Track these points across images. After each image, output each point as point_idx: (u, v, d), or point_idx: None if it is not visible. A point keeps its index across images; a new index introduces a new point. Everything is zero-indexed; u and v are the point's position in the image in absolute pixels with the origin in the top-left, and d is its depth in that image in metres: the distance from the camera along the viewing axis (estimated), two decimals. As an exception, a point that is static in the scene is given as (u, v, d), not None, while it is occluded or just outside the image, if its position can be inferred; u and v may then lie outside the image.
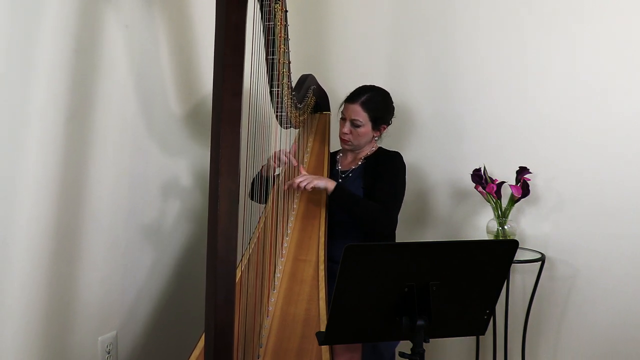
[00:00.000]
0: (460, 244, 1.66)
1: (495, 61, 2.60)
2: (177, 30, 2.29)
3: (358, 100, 2.23)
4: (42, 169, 1.76)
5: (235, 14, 1.31)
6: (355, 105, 2.23)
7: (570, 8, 2.46)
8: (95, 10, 1.89)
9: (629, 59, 2.38)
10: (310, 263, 1.98)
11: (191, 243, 2.46)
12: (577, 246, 2.50)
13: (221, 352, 1.35)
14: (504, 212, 2.45)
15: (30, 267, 1.75)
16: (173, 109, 2.31)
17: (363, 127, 2.24)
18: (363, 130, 2.24)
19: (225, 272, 1.34)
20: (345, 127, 2.26)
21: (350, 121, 2.24)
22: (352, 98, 2.25)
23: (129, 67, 2.05)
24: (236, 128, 1.33)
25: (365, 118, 2.23)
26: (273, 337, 1.72)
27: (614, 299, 2.46)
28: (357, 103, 2.23)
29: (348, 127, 2.25)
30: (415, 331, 1.36)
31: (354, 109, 2.23)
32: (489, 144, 2.61)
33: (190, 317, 2.37)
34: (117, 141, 2.04)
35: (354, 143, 2.27)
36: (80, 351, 1.97)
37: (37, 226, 1.76)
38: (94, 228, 1.97)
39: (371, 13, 2.80)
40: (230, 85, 1.32)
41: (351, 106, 2.24)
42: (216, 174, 1.32)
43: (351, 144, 2.27)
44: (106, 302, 2.06)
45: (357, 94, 2.25)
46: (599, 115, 2.44)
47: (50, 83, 1.75)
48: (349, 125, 2.24)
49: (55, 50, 1.76)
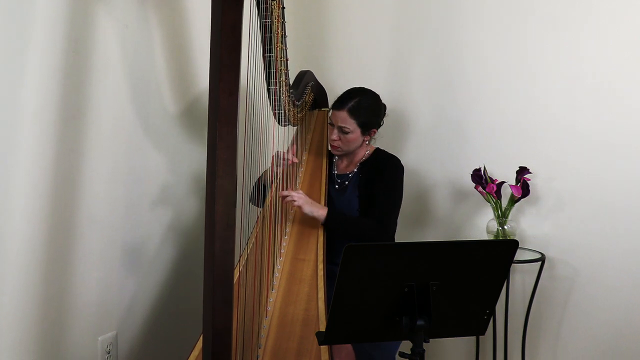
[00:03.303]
0: (460, 244, 1.66)
1: (496, 62, 2.59)
2: (173, 30, 2.28)
3: (345, 107, 2.16)
4: (38, 169, 1.75)
5: (231, 13, 1.31)
6: (342, 112, 2.16)
7: (571, 9, 2.45)
8: (90, 10, 1.88)
9: (629, 59, 2.38)
10: (309, 262, 1.97)
11: (190, 242, 2.45)
12: (577, 246, 2.50)
13: (220, 353, 1.35)
14: (504, 212, 2.44)
15: (29, 268, 1.75)
16: (169, 109, 2.30)
17: (352, 134, 2.18)
18: (352, 137, 2.18)
19: (223, 272, 1.34)
20: (333, 133, 2.19)
21: (338, 128, 2.18)
22: (339, 104, 2.18)
23: (125, 66, 2.05)
24: (233, 128, 1.32)
25: (354, 125, 2.17)
26: (272, 337, 1.72)
27: (614, 298, 2.45)
28: (344, 110, 2.16)
29: (336, 134, 2.19)
30: (415, 331, 1.36)
31: (341, 116, 2.16)
32: (489, 144, 2.61)
33: (189, 317, 2.36)
34: (113, 141, 2.03)
35: (343, 149, 2.23)
36: (80, 351, 1.97)
37: (35, 226, 1.76)
38: (93, 228, 1.97)
39: (372, 8, 2.78)
40: (226, 85, 1.31)
41: (338, 113, 2.17)
42: (213, 174, 1.31)
43: (340, 150, 2.23)
44: (106, 302, 2.06)
45: (344, 100, 2.18)
46: (599, 116, 2.43)
47: (45, 83, 1.75)
48: (337, 132, 2.19)
49: (50, 50, 1.75)
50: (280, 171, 2.16)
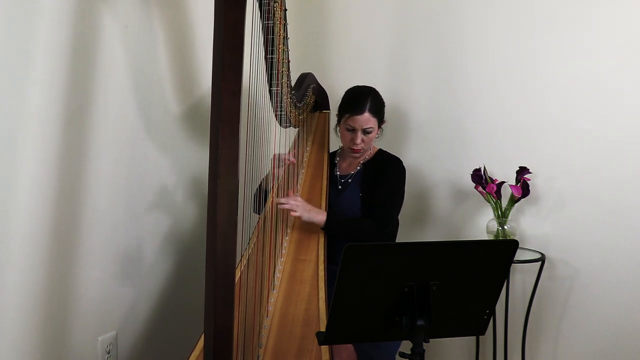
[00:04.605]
0: (460, 244, 1.66)
1: (497, 62, 2.59)
2: (176, 30, 2.28)
3: (365, 109, 2.19)
4: (40, 169, 1.75)
5: (234, 14, 1.31)
6: (364, 115, 2.19)
7: (571, 9, 2.45)
8: (93, 10, 1.89)
9: (629, 59, 2.38)
10: (309, 263, 1.98)
11: (191, 242, 2.46)
12: (577, 246, 2.50)
13: (221, 353, 1.35)
14: (504, 212, 2.44)
15: (29, 267, 1.75)
16: (172, 109, 2.31)
17: (373, 132, 2.24)
18: (373, 135, 2.24)
19: (225, 272, 1.34)
20: (357, 137, 2.21)
21: (362, 131, 2.21)
22: (357, 109, 2.19)
23: (128, 67, 2.05)
24: (235, 128, 1.32)
25: (375, 123, 2.22)
26: (273, 337, 1.72)
27: (614, 298, 2.46)
28: (365, 112, 2.19)
29: (361, 136, 2.21)
30: (415, 331, 1.36)
31: (365, 118, 2.19)
32: (489, 144, 2.61)
33: (190, 316, 2.37)
34: (115, 141, 2.03)
35: (365, 149, 2.27)
36: (80, 351, 1.97)
37: (35, 226, 1.76)
38: (93, 227, 1.97)
39: (373, 10, 2.79)
40: (229, 85, 1.31)
41: (360, 117, 2.19)
42: (215, 174, 1.32)
43: (363, 150, 2.26)
44: (106, 301, 2.06)
45: (361, 103, 2.20)
46: (599, 116, 2.44)
47: (49, 83, 1.75)
48: (361, 135, 2.21)
49: (53, 50, 1.75)
50: (281, 173, 2.17)
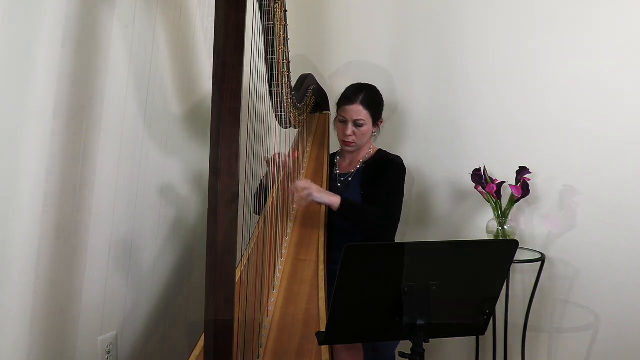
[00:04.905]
0: (460, 244, 1.67)
1: (497, 62, 2.59)
2: (177, 30, 2.28)
3: (357, 100, 2.21)
4: (41, 169, 1.75)
5: (235, 14, 1.31)
6: (356, 105, 2.21)
7: (571, 10, 2.46)
8: (94, 10, 1.89)
9: (629, 59, 2.39)
10: (310, 263, 1.98)
11: (191, 242, 2.46)
12: (577, 246, 2.50)
13: (221, 352, 1.35)
14: (504, 212, 2.45)
15: (29, 267, 1.75)
16: (173, 109, 2.31)
17: (366, 126, 2.23)
18: (366, 129, 2.24)
19: (225, 272, 1.34)
20: (348, 129, 2.23)
21: (353, 122, 2.22)
22: (350, 99, 2.23)
23: (129, 66, 2.05)
24: (236, 128, 1.32)
25: (367, 116, 2.22)
26: (273, 337, 1.72)
27: (614, 298, 2.46)
28: (357, 103, 2.21)
29: (351, 128, 2.23)
30: (415, 331, 1.36)
31: (355, 109, 2.21)
32: (489, 143, 2.61)
33: (190, 316, 2.37)
34: (116, 141, 2.03)
35: (358, 144, 2.26)
36: (80, 351, 1.97)
37: (36, 226, 1.76)
38: (94, 227, 1.97)
39: (373, 10, 2.79)
40: (230, 85, 1.31)
41: (351, 107, 2.22)
42: (216, 174, 1.32)
43: (355, 145, 2.26)
44: (106, 302, 2.06)
45: (354, 94, 2.23)
46: (599, 116, 2.44)
47: (50, 83, 1.75)
48: (352, 127, 2.23)
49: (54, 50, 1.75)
50: (280, 173, 2.17)
